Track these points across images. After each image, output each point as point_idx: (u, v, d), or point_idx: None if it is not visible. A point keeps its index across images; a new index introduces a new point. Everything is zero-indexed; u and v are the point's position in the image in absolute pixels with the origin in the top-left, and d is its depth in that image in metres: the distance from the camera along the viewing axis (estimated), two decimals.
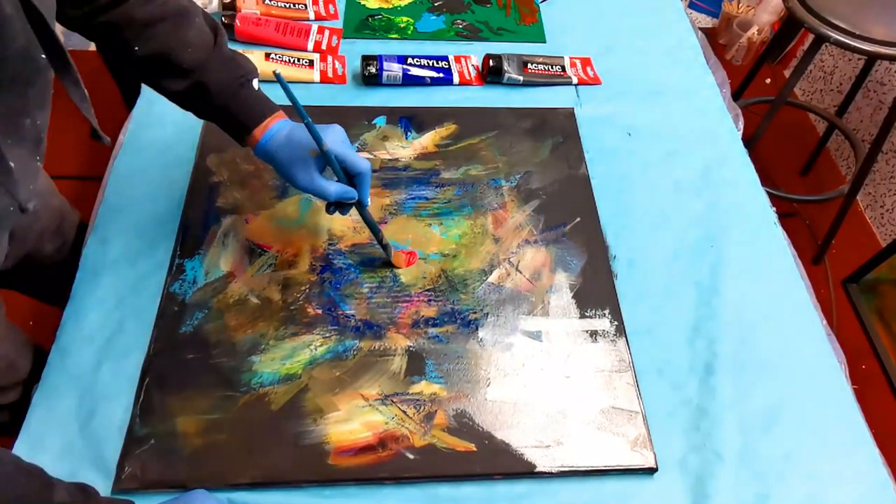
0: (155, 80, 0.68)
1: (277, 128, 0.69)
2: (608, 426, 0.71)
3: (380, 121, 0.96)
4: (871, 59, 1.59)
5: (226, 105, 0.68)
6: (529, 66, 1.05)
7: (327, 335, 0.75)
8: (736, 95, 1.73)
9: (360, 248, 0.82)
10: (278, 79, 0.61)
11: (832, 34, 1.28)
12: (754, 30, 2.13)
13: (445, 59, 1.05)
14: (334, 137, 0.68)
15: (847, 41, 1.28)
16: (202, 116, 0.72)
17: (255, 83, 0.70)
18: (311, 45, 1.06)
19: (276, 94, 0.71)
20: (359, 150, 0.92)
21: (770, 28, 2.14)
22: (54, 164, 1.91)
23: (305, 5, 1.12)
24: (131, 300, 0.76)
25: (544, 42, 1.13)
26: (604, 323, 0.78)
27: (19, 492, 0.51)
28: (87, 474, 0.65)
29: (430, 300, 0.79)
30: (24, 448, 0.66)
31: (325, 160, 0.68)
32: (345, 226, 0.84)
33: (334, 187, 0.68)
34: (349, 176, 0.70)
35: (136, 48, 0.65)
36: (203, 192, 0.86)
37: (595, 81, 1.07)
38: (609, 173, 0.94)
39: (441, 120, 0.97)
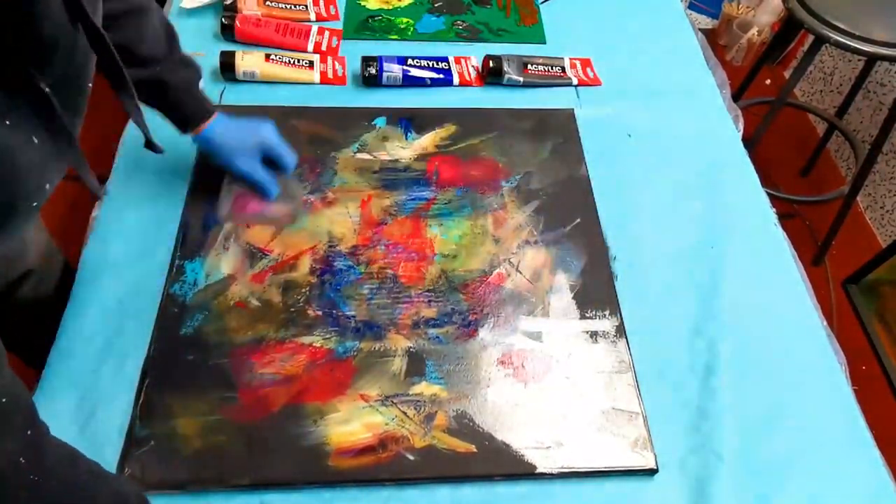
0: None
1: (219, 119, 0.81)
2: (608, 427, 0.71)
3: (380, 121, 0.96)
4: (871, 60, 1.59)
5: (179, 100, 0.78)
6: (529, 67, 1.05)
7: (328, 336, 0.75)
8: (736, 96, 1.74)
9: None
10: None
11: (832, 35, 1.28)
12: (754, 31, 2.13)
13: (445, 60, 1.05)
14: (272, 130, 0.83)
15: (847, 42, 1.28)
16: (149, 105, 0.78)
17: (201, 83, 0.81)
18: (311, 46, 1.06)
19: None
20: (359, 151, 0.92)
21: (770, 29, 2.14)
22: None
23: (306, 6, 1.12)
24: (131, 301, 0.76)
25: (544, 43, 1.13)
26: (604, 324, 0.78)
27: None
28: None
29: (430, 301, 0.79)
30: None
31: (262, 151, 0.82)
32: (345, 227, 0.84)
33: (266, 176, 0.83)
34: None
35: None
36: (203, 194, 0.86)
37: (595, 82, 1.07)
38: (609, 174, 0.94)
39: (441, 121, 0.97)
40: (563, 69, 1.06)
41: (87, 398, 0.69)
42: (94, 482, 0.53)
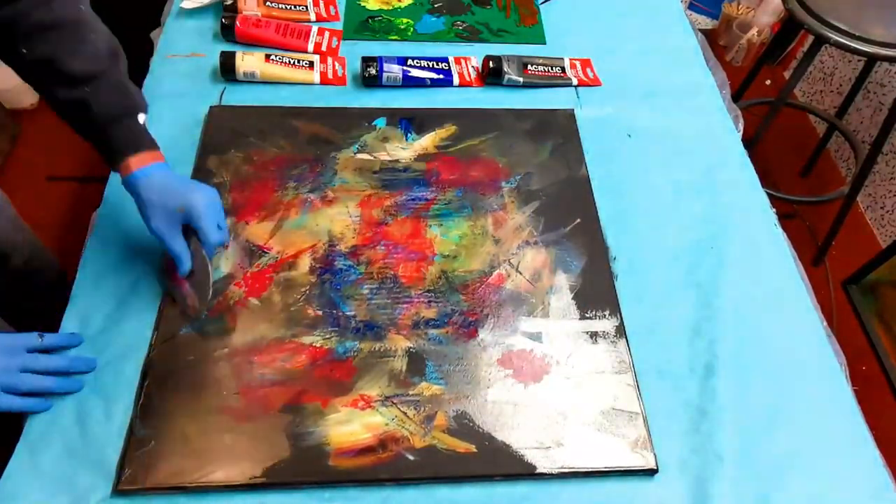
0: (41, 85, 0.69)
1: (155, 168, 0.72)
2: (608, 427, 0.71)
3: (380, 122, 0.96)
4: (871, 60, 1.59)
5: (106, 127, 0.69)
6: (529, 67, 1.05)
7: (328, 336, 0.75)
8: (736, 97, 1.74)
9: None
10: None
11: (832, 35, 1.28)
12: (754, 31, 2.13)
13: (445, 60, 1.05)
14: (204, 199, 0.73)
15: (847, 42, 1.28)
16: (80, 133, 0.71)
17: (142, 118, 0.72)
18: (311, 47, 1.06)
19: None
20: (359, 151, 0.92)
21: (770, 29, 2.14)
22: (55, 165, 1.91)
23: (306, 7, 1.12)
24: (131, 301, 0.76)
25: (544, 43, 1.13)
26: (604, 324, 0.78)
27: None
28: (87, 476, 0.64)
29: (430, 301, 0.79)
30: (24, 450, 0.66)
31: (184, 219, 0.72)
32: (345, 227, 0.84)
33: (177, 247, 0.73)
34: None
35: (24, 51, 0.66)
36: None
37: (595, 83, 1.07)
38: (609, 174, 0.94)
39: (441, 121, 0.97)
40: (563, 69, 1.07)
41: (88, 399, 0.69)
42: None
